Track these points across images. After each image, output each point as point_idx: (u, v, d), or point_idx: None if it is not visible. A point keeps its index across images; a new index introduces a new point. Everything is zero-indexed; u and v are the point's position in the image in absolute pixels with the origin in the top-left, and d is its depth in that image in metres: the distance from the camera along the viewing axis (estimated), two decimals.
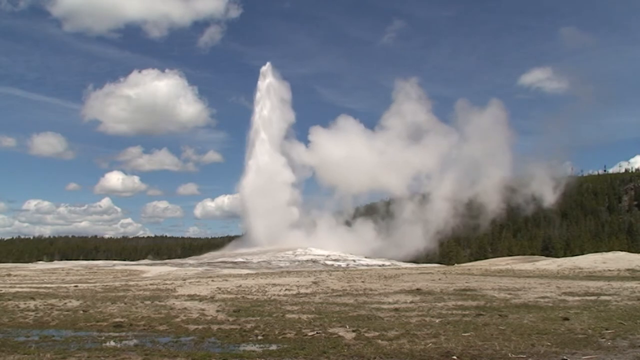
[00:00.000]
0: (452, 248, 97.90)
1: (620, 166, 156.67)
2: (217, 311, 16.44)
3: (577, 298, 18.83)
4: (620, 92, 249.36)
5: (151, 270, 44.00)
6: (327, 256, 61.51)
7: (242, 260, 58.23)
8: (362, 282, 26.88)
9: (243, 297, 20.60)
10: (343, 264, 54.77)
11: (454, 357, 9.89)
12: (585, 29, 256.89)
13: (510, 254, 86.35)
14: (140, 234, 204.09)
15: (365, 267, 49.96)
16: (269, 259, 58.66)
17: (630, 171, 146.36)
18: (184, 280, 30.10)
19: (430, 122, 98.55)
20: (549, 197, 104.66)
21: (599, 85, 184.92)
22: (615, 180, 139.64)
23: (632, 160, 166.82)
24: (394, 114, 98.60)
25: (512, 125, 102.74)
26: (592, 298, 18.68)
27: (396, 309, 16.44)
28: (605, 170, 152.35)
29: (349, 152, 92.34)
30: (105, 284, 27.75)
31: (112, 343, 11.71)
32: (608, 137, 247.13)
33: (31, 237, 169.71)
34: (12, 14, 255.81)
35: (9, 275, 37.05)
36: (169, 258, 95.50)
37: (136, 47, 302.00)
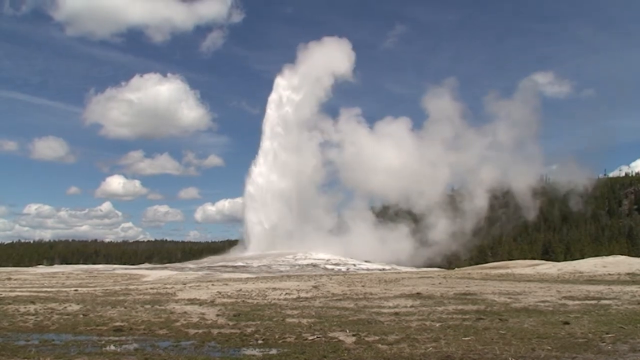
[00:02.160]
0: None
1: (620, 170, 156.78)
2: (217, 315, 16.43)
3: (577, 302, 18.81)
4: (621, 95, 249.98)
5: (151, 275, 43.96)
6: (327, 260, 61.40)
7: (242, 264, 58.11)
8: (363, 286, 26.85)
9: (243, 301, 20.59)
10: (343, 268, 54.69)
11: None
12: (586, 33, 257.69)
13: (510, 258, 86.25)
14: (141, 238, 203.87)
15: (366, 271, 49.90)
16: (269, 263, 58.53)
17: (630, 175, 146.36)
18: (184, 284, 30.07)
19: (460, 124, 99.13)
20: (575, 199, 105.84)
21: (600, 89, 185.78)
22: (615, 184, 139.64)
23: (632, 164, 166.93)
24: (426, 120, 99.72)
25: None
26: (593, 302, 18.66)
27: (396, 313, 16.44)
28: (605, 174, 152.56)
29: (378, 152, 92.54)
30: (106, 288, 27.74)
31: (112, 347, 11.71)
32: (608, 141, 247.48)
33: (31, 241, 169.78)
34: (14, 18, 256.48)
35: (9, 279, 37.05)
36: (169, 262, 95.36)
37: (138, 51, 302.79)
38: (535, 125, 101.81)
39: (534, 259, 75.26)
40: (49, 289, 27.20)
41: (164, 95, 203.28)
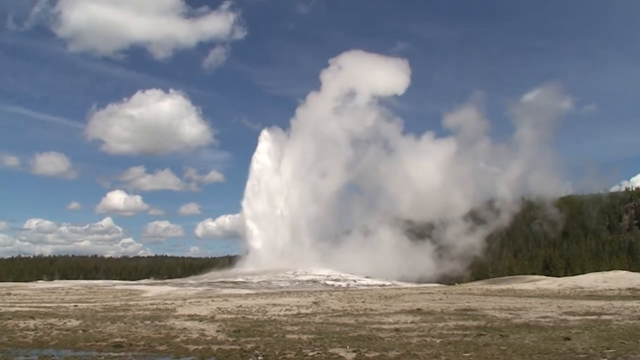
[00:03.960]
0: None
1: (620, 185, 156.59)
2: (217, 331, 16.39)
3: (578, 317, 18.77)
4: (622, 111, 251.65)
5: (151, 290, 43.81)
6: (328, 276, 61.18)
7: (242, 280, 57.94)
8: (363, 302, 26.78)
9: (243, 317, 20.54)
10: (343, 284, 54.51)
11: None
12: (588, 49, 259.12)
13: (510, 273, 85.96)
14: (141, 253, 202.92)
15: (366, 287, 49.76)
16: (269, 279, 58.35)
17: (630, 190, 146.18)
18: (184, 300, 30.01)
19: (482, 141, 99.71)
20: (594, 212, 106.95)
21: (601, 104, 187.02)
22: (615, 199, 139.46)
23: (632, 179, 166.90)
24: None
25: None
26: (593, 317, 18.63)
27: (397, 329, 16.40)
28: (605, 189, 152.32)
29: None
30: (105, 304, 27.67)
31: None
32: (609, 156, 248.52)
33: (31, 256, 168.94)
34: (17, 34, 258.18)
35: (9, 294, 36.94)
36: (170, 278, 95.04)
37: (141, 67, 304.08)
38: (553, 137, 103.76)
39: (535, 274, 75.10)
40: (48, 305, 27.13)
41: (165, 111, 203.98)
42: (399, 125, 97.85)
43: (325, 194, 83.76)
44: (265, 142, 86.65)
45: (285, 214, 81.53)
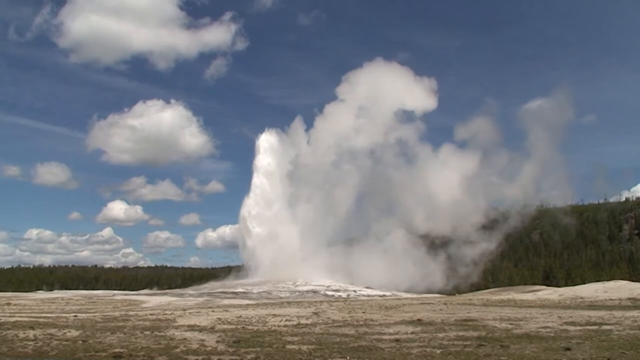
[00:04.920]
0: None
1: (620, 195, 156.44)
2: (217, 342, 16.38)
3: (578, 328, 18.74)
4: (621, 121, 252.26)
5: (151, 300, 43.76)
6: (328, 286, 61.11)
7: (242, 290, 57.85)
8: (363, 312, 26.73)
9: (243, 327, 20.51)
10: (344, 295, 54.43)
11: None
12: (588, 58, 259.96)
13: (511, 283, 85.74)
14: (141, 263, 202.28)
15: (366, 298, 49.64)
16: (269, 289, 58.27)
17: (631, 200, 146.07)
18: (184, 310, 29.95)
19: (495, 151, 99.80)
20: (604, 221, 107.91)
21: (601, 114, 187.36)
22: (616, 209, 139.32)
23: (632, 189, 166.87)
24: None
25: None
26: (594, 328, 18.59)
27: (397, 340, 16.37)
28: (605, 199, 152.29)
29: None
30: (105, 314, 27.62)
31: None
32: (609, 166, 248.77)
33: (31, 266, 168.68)
34: (18, 44, 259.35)
35: (9, 304, 36.89)
36: (169, 288, 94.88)
37: (142, 78, 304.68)
38: (563, 145, 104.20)
39: (535, 284, 74.97)
40: (48, 315, 27.08)
41: (166, 122, 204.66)
42: (412, 136, 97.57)
43: (339, 204, 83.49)
44: (268, 147, 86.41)
45: (291, 220, 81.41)
